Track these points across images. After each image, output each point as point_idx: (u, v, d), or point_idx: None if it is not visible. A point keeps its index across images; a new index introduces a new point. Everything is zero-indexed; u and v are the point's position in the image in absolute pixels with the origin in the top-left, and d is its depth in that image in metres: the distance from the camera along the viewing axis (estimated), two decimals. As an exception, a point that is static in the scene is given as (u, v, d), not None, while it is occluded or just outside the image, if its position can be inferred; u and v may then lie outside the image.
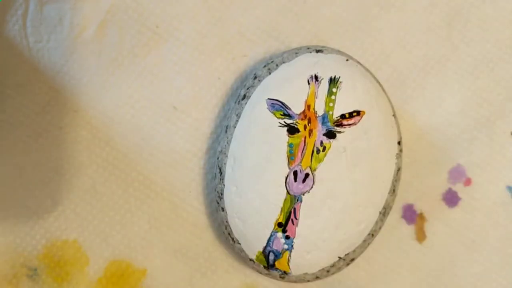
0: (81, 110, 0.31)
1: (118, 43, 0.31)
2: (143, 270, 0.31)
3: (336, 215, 0.28)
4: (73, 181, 0.31)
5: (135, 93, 0.31)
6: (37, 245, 0.31)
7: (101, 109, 0.31)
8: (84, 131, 0.31)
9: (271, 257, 0.29)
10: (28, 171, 0.31)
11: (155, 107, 0.31)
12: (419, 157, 0.31)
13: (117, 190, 0.31)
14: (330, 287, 0.31)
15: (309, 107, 0.28)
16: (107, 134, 0.31)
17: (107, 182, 0.31)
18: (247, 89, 0.29)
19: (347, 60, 0.29)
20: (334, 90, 0.28)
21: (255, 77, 0.29)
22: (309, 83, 0.28)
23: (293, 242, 0.28)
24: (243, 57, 0.31)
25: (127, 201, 0.31)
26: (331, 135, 0.28)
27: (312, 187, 0.28)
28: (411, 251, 0.32)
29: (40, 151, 0.31)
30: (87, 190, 0.31)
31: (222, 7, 0.31)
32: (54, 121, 0.31)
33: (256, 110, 0.29)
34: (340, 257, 0.29)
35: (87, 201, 0.31)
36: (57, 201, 0.31)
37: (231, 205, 0.29)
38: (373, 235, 0.29)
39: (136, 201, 0.31)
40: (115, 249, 0.31)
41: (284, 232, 0.28)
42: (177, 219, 0.31)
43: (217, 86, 0.31)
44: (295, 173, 0.28)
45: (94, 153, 0.31)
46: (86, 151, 0.31)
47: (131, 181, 0.31)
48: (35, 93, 0.31)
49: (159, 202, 0.31)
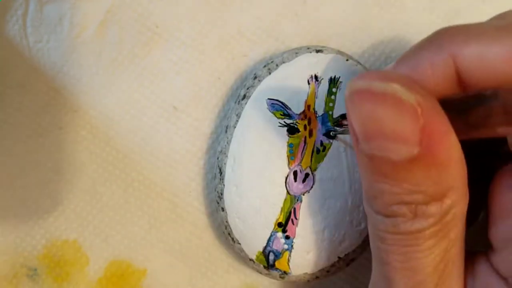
0: (81, 110, 0.31)
1: (118, 43, 0.31)
2: (143, 270, 0.31)
3: (336, 215, 0.28)
4: (73, 181, 0.31)
5: (135, 93, 0.31)
6: (37, 245, 0.31)
7: (101, 109, 0.31)
8: (84, 131, 0.31)
9: (271, 257, 0.29)
10: (28, 171, 0.31)
11: (155, 107, 0.31)
12: (419, 157, 0.31)
13: (117, 190, 0.31)
14: (330, 287, 0.31)
15: (309, 107, 0.28)
16: (107, 134, 0.31)
17: (107, 182, 0.31)
18: (247, 89, 0.29)
19: (347, 60, 0.29)
20: (334, 90, 0.28)
21: (255, 77, 0.29)
22: (309, 83, 0.28)
23: (293, 242, 0.28)
24: (243, 57, 0.31)
25: (127, 201, 0.31)
26: (331, 135, 0.28)
27: (312, 187, 0.28)
28: (411, 251, 0.32)
29: (40, 151, 0.31)
30: (87, 190, 0.31)
31: (222, 7, 0.31)
32: (54, 121, 0.31)
33: (256, 110, 0.29)
34: (340, 257, 0.29)
35: (87, 201, 0.31)
36: (57, 201, 0.31)
37: (231, 205, 0.29)
38: (373, 235, 0.29)
39: (136, 201, 0.31)
40: (115, 249, 0.31)
41: (284, 232, 0.28)
42: (177, 219, 0.31)
43: (217, 86, 0.31)
44: (295, 173, 0.28)
45: (94, 153, 0.31)
46: (86, 151, 0.31)
47: (131, 181, 0.31)
48: (35, 93, 0.31)
49: (159, 202, 0.31)
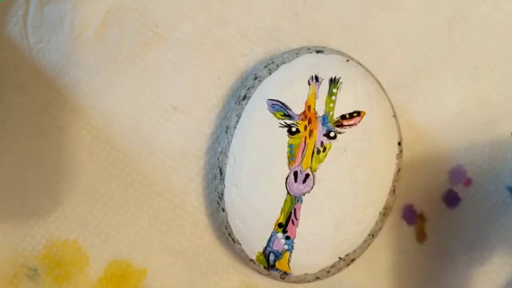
0: (81, 110, 0.31)
1: (118, 43, 0.31)
2: (143, 270, 0.31)
3: (336, 215, 0.28)
4: (73, 181, 0.31)
5: (135, 93, 0.31)
6: (37, 245, 0.31)
7: (101, 109, 0.31)
8: (84, 131, 0.31)
9: (272, 257, 0.29)
10: (28, 171, 0.31)
11: (155, 107, 0.31)
12: (419, 157, 0.31)
13: (117, 190, 0.31)
14: (330, 287, 0.31)
15: (309, 107, 0.28)
16: (107, 134, 0.31)
17: (107, 182, 0.31)
18: (248, 89, 0.29)
19: (347, 60, 0.29)
20: (335, 90, 0.28)
21: (256, 78, 0.29)
22: (309, 84, 0.28)
23: (293, 242, 0.28)
24: (243, 57, 0.31)
25: (127, 201, 0.31)
26: (331, 135, 0.28)
27: (312, 187, 0.28)
28: (411, 251, 0.32)
29: (40, 151, 0.31)
30: (87, 190, 0.31)
31: (222, 7, 0.31)
32: (54, 121, 0.31)
33: (257, 110, 0.29)
34: (340, 258, 0.29)
35: (87, 201, 0.31)
36: (57, 201, 0.31)
37: (232, 205, 0.29)
38: (373, 235, 0.29)
39: (136, 201, 0.31)
40: (115, 249, 0.31)
41: (284, 232, 0.28)
42: (177, 219, 0.31)
43: (217, 86, 0.31)
44: (295, 173, 0.28)
45: (94, 153, 0.31)
46: (86, 151, 0.31)
47: (131, 181, 0.31)
48: (35, 93, 0.31)
49: (159, 202, 0.31)
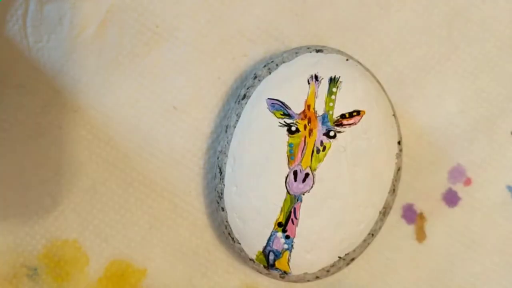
0: (81, 110, 0.31)
1: (118, 43, 0.31)
2: (143, 270, 0.31)
3: (336, 215, 0.28)
4: (73, 181, 0.31)
5: (135, 93, 0.31)
6: (37, 245, 0.31)
7: (101, 109, 0.31)
8: (84, 131, 0.31)
9: (271, 257, 0.29)
10: (28, 171, 0.31)
11: (155, 107, 0.31)
12: (419, 157, 0.31)
13: (117, 190, 0.31)
14: (330, 287, 0.31)
15: (309, 107, 0.28)
16: (107, 134, 0.31)
17: (107, 182, 0.31)
18: (247, 89, 0.29)
19: (347, 60, 0.29)
20: (334, 90, 0.28)
21: (255, 77, 0.29)
22: (309, 83, 0.28)
23: (293, 242, 0.28)
24: (243, 57, 0.31)
25: (127, 201, 0.31)
26: (331, 135, 0.28)
27: (312, 187, 0.28)
28: (411, 251, 0.32)
29: (40, 151, 0.31)
30: (87, 190, 0.31)
31: (222, 7, 0.31)
32: (54, 121, 0.31)
33: (256, 110, 0.29)
34: (340, 257, 0.29)
35: (87, 201, 0.31)
36: (57, 201, 0.31)
37: (231, 205, 0.29)
38: (373, 234, 0.29)
39: (136, 201, 0.31)
40: (115, 249, 0.31)
41: (284, 232, 0.28)
42: (177, 219, 0.31)
43: (217, 86, 0.31)
44: (295, 173, 0.28)
45: (94, 153, 0.31)
46: (86, 151, 0.31)
47: (131, 181, 0.31)
48: (35, 93, 0.31)
49: (159, 202, 0.31)
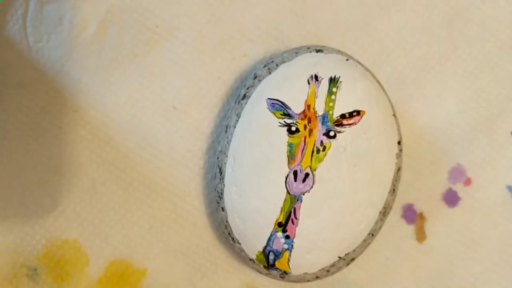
0: (81, 110, 0.31)
1: (118, 43, 0.31)
2: (143, 270, 0.31)
3: (336, 215, 0.28)
4: (73, 181, 0.31)
5: (135, 93, 0.31)
6: (37, 245, 0.31)
7: (101, 109, 0.31)
8: (84, 131, 0.31)
9: (271, 256, 0.29)
10: (28, 171, 0.31)
11: (155, 107, 0.31)
12: (419, 157, 0.31)
13: (117, 190, 0.31)
14: (330, 287, 0.31)
15: (309, 106, 0.28)
16: (107, 134, 0.31)
17: (107, 182, 0.31)
18: (247, 89, 0.29)
19: (347, 60, 0.29)
20: (334, 89, 0.28)
21: (255, 77, 0.29)
22: (309, 83, 0.28)
23: (293, 242, 0.28)
24: (243, 57, 0.31)
25: (127, 201, 0.31)
26: (331, 134, 0.28)
27: (312, 187, 0.28)
28: (411, 251, 0.32)
29: (40, 151, 0.31)
30: (87, 190, 0.31)
31: (222, 7, 0.31)
32: (54, 121, 0.31)
33: (256, 109, 0.29)
34: (340, 257, 0.29)
35: (87, 201, 0.31)
36: (57, 201, 0.31)
37: (231, 204, 0.29)
38: (373, 234, 0.29)
39: (136, 201, 0.31)
40: (115, 249, 0.31)
41: (284, 231, 0.28)
42: (177, 219, 0.31)
43: (217, 86, 0.31)
44: (295, 173, 0.28)
45: (94, 153, 0.31)
46: (86, 151, 0.31)
47: (131, 181, 0.31)
48: (35, 93, 0.31)
49: (159, 202, 0.31)
